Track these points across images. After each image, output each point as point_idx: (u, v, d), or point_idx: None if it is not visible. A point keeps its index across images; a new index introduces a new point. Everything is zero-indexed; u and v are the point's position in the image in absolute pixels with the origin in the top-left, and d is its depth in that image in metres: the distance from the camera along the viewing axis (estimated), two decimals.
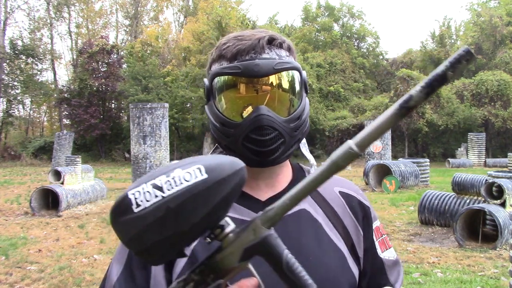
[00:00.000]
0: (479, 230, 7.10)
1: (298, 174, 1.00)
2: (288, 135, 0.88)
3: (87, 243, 7.51)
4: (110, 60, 33.99)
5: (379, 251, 0.98)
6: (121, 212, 0.60)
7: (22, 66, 35.11)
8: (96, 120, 31.98)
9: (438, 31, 38.91)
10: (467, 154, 25.50)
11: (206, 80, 0.94)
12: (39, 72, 36.78)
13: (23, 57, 34.94)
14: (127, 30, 43.01)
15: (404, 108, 0.56)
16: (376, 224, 1.00)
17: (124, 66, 34.30)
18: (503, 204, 6.90)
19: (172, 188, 0.58)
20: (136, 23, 41.48)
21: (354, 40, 42.10)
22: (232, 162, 0.62)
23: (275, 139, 0.87)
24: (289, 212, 0.83)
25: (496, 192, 7.02)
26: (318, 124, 32.03)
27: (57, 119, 40.52)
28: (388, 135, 17.81)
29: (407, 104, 0.56)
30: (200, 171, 0.59)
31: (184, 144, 33.85)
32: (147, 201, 0.58)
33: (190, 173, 0.59)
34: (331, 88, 35.02)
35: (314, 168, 1.01)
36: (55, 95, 35.52)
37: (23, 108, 39.28)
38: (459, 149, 27.05)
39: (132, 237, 0.60)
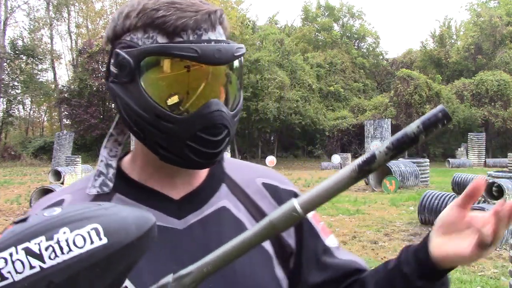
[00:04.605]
0: None
1: (215, 167, 0.82)
2: (233, 131, 0.73)
3: None
4: None
5: (322, 236, 0.85)
6: None
7: (22, 66, 35.16)
8: (96, 120, 32.01)
9: (438, 31, 38.95)
10: (467, 154, 25.50)
11: (123, 53, 0.69)
12: (39, 72, 36.84)
13: (23, 57, 34.99)
14: None
15: (364, 171, 0.48)
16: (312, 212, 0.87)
17: None
18: None
19: (57, 256, 0.44)
20: None
21: (354, 40, 42.17)
22: (139, 218, 0.50)
23: (224, 138, 0.71)
24: (209, 212, 0.76)
25: (496, 192, 7.04)
26: (318, 124, 32.03)
27: (57, 119, 40.58)
28: (388, 134, 17.79)
29: (368, 166, 0.48)
30: (98, 234, 0.46)
31: None
32: (18, 273, 0.44)
33: (83, 236, 0.46)
34: (331, 88, 35.06)
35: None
36: (55, 95, 35.55)
37: (23, 108, 39.41)
38: (459, 149, 27.06)
39: None
